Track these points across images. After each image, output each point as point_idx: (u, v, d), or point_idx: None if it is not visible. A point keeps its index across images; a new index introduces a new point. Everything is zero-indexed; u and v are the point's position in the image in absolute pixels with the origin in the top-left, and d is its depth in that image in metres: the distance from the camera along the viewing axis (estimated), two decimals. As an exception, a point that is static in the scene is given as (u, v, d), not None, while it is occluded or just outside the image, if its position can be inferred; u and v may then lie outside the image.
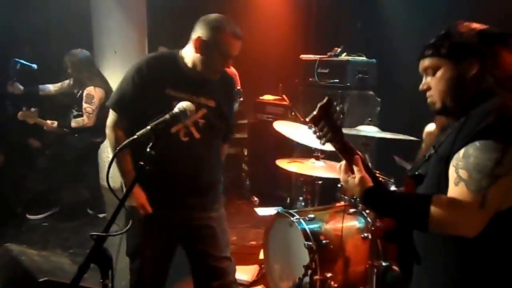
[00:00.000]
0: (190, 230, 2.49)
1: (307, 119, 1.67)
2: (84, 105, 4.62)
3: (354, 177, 1.60)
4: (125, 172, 2.37)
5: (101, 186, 5.46)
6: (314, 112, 1.63)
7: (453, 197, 1.38)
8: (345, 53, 4.82)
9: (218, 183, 2.53)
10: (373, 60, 4.86)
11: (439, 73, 1.54)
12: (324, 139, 1.64)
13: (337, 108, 1.64)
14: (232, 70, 5.06)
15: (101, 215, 4.96)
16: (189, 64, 2.33)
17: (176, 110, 1.91)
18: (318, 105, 1.63)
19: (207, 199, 2.47)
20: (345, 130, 1.77)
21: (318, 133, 1.65)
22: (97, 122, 4.65)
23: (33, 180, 4.95)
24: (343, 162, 1.68)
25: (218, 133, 2.45)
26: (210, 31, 2.25)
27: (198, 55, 2.28)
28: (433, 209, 1.38)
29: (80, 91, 4.68)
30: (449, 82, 1.52)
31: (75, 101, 4.75)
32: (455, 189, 1.37)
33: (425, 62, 1.58)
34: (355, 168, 1.61)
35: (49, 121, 4.65)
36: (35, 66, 4.89)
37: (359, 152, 1.67)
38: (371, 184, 1.58)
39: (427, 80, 1.60)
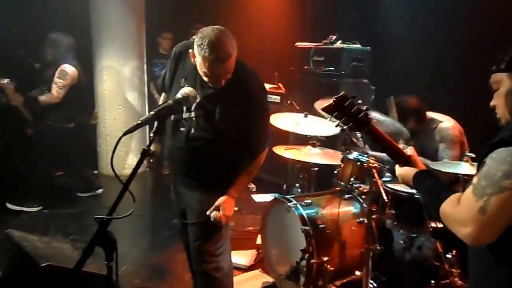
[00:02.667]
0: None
1: (321, 108, 1.82)
2: (56, 79, 4.57)
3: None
4: None
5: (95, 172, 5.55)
6: (328, 103, 1.76)
7: (461, 198, 1.44)
8: (340, 41, 4.83)
9: (211, 183, 2.47)
10: (368, 48, 4.88)
11: (500, 88, 1.53)
12: (344, 126, 1.77)
13: (354, 102, 1.74)
14: None
15: (98, 191, 5.14)
16: None
17: (178, 95, 2.06)
18: (333, 97, 1.75)
19: (190, 187, 2.54)
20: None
21: (336, 122, 1.78)
22: (67, 106, 4.67)
23: (32, 169, 4.95)
24: None
25: (215, 135, 2.38)
26: (196, 49, 2.23)
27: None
28: (445, 202, 1.48)
29: (54, 70, 4.64)
30: (507, 96, 1.50)
31: (45, 82, 4.70)
32: (465, 191, 1.43)
33: (491, 79, 1.57)
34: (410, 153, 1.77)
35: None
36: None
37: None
38: (423, 167, 1.72)
39: (494, 97, 1.58)
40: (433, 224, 2.96)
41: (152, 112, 1.90)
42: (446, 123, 3.66)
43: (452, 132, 3.61)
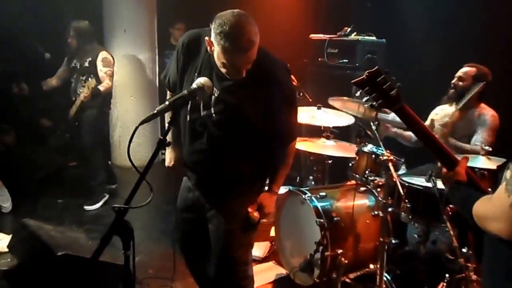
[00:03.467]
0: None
1: (352, 82, 1.73)
2: (104, 69, 4.64)
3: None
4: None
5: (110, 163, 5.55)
6: (361, 77, 1.69)
7: (493, 195, 1.42)
8: (354, 33, 4.79)
9: (239, 186, 2.29)
10: (383, 40, 4.83)
11: None
12: (374, 103, 1.70)
13: (387, 78, 1.67)
14: None
15: (113, 186, 5.04)
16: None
17: (193, 86, 1.95)
18: (366, 71, 1.67)
19: (215, 193, 2.33)
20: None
21: (365, 97, 1.73)
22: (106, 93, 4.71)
23: (46, 159, 4.99)
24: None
25: (241, 131, 2.18)
26: (214, 38, 1.98)
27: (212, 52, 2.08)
28: (477, 201, 1.45)
29: (89, 59, 4.62)
30: None
31: (82, 72, 4.65)
32: (498, 188, 1.40)
33: None
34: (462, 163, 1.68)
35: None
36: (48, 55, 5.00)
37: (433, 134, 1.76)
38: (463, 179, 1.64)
39: None
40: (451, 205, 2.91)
41: (166, 103, 1.88)
42: (489, 110, 3.65)
43: (493, 119, 3.60)
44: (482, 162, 2.96)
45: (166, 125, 1.95)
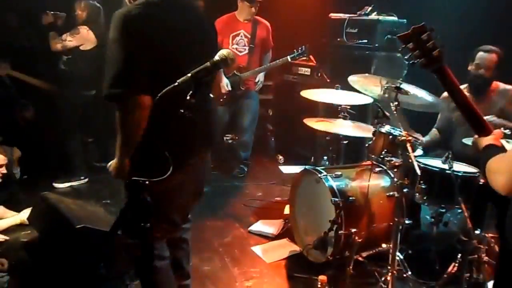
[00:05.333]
0: None
1: (397, 36, 1.75)
2: (66, 35, 4.49)
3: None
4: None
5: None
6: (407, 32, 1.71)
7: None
8: (375, 12, 4.70)
9: None
10: (404, 20, 4.75)
11: None
12: (415, 60, 1.71)
13: (432, 35, 1.68)
14: (265, 23, 5.00)
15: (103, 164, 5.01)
16: None
17: (216, 57, 1.87)
18: (412, 26, 1.70)
19: None
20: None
21: (408, 52, 1.73)
22: (86, 72, 4.58)
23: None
24: None
25: None
26: None
27: None
28: (492, 158, 1.50)
29: None
30: None
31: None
32: None
33: None
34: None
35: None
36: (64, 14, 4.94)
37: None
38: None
39: None
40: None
41: (189, 74, 1.85)
42: (505, 85, 3.62)
43: None
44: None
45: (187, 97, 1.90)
